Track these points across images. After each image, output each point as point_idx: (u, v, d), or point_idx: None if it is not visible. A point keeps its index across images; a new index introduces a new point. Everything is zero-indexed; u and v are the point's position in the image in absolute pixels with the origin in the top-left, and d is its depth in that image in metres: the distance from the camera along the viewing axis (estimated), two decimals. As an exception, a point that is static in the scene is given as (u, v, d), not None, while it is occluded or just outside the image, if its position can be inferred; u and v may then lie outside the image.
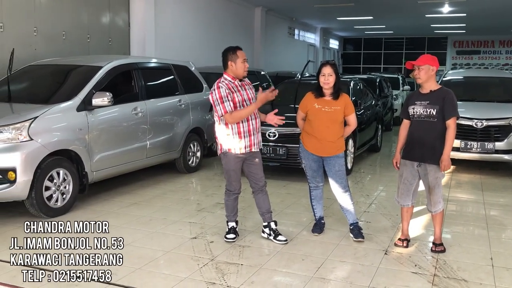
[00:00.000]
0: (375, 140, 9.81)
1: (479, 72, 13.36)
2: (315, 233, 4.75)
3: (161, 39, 10.98)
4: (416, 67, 4.22)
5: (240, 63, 4.33)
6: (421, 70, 4.20)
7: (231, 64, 4.34)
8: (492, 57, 26.30)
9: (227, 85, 4.31)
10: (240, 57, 4.33)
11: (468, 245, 4.56)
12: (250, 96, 4.44)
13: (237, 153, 4.38)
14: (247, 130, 4.36)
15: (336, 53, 27.35)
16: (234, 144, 4.37)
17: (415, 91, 4.54)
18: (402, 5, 16.02)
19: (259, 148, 4.51)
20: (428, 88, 4.27)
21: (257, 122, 4.46)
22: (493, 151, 7.60)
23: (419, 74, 4.21)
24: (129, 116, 6.26)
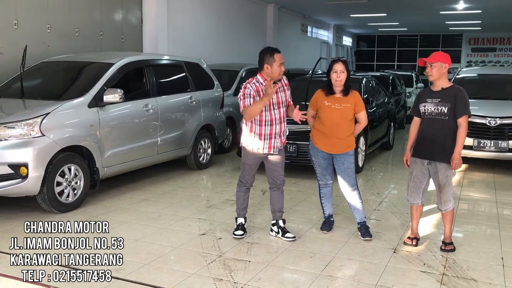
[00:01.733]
0: (387, 138, 9.74)
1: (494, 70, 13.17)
2: (324, 231, 4.75)
3: (173, 36, 11.02)
4: (428, 64, 4.18)
5: (276, 67, 4.27)
6: (434, 67, 4.16)
7: (267, 67, 4.29)
8: (509, 54, 25.88)
9: (257, 88, 4.29)
10: (277, 60, 4.27)
11: (479, 245, 4.52)
12: (281, 100, 4.39)
13: (254, 152, 4.40)
14: (268, 133, 4.38)
15: (349, 50, 27.18)
16: (253, 144, 4.40)
17: (426, 89, 4.50)
18: (416, 2, 15.86)
19: (279, 150, 4.49)
20: (440, 86, 4.23)
21: (282, 127, 4.44)
22: (507, 149, 7.50)
23: (431, 71, 4.17)
24: (140, 112, 6.30)
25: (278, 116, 4.37)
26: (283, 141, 4.52)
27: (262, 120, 4.33)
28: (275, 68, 4.26)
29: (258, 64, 4.37)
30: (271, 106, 4.33)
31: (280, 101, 4.38)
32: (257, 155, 4.44)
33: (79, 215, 5.16)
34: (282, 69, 4.31)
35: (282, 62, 4.31)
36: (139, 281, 3.61)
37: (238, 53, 14.08)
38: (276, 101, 4.35)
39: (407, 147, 4.50)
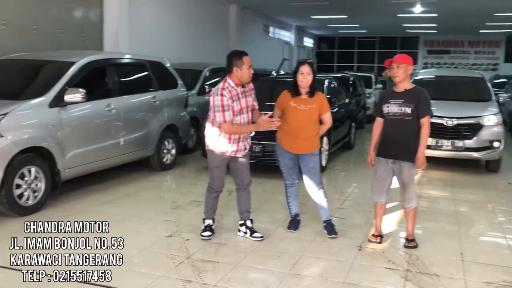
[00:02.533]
0: (348, 138, 9.93)
1: (450, 72, 13.64)
2: (291, 230, 4.79)
3: (135, 35, 10.82)
4: (395, 65, 4.28)
5: (245, 70, 4.28)
6: (400, 68, 4.27)
7: (236, 70, 4.29)
8: (462, 57, 26.87)
9: (230, 92, 4.28)
10: (246, 63, 4.29)
11: (439, 241, 4.68)
12: (249, 104, 4.43)
13: (222, 153, 4.40)
14: (237, 137, 4.39)
15: (310, 51, 27.50)
16: (221, 146, 4.38)
17: (389, 90, 4.61)
18: (376, 5, 16.22)
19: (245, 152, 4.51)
20: (403, 87, 4.34)
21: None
22: (463, 149, 7.79)
23: (398, 73, 4.27)
24: (102, 112, 6.17)
25: (246, 119, 4.39)
26: (250, 143, 4.55)
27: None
28: (244, 71, 4.28)
29: (227, 68, 4.37)
30: (241, 111, 4.34)
31: (248, 105, 4.41)
32: (224, 157, 4.43)
33: (39, 218, 4.98)
34: (251, 71, 4.33)
35: (251, 65, 4.34)
36: (106, 285, 3.54)
37: (201, 53, 13.99)
38: (245, 105, 4.37)
39: (371, 147, 4.59)
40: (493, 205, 6.19)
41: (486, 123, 7.76)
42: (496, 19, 18.40)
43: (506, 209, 6.02)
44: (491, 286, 3.67)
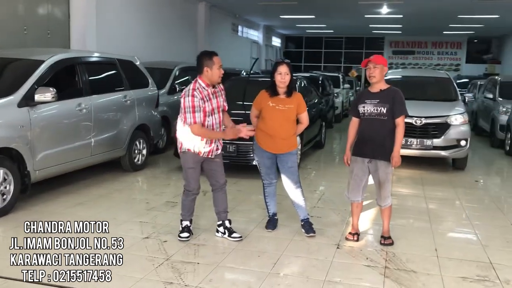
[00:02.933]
0: (319, 137, 10.02)
1: (417, 72, 13.94)
2: (269, 229, 4.80)
3: (102, 33, 10.61)
4: (372, 65, 4.34)
5: (216, 70, 4.26)
6: (376, 68, 4.33)
7: (207, 70, 4.25)
8: (425, 57, 27.59)
9: (201, 93, 4.24)
10: (216, 63, 4.26)
11: (414, 238, 4.77)
12: (220, 104, 4.40)
13: (196, 152, 4.35)
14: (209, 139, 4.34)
15: (278, 50, 27.64)
16: (194, 147, 4.33)
17: (364, 90, 4.67)
18: (344, 5, 16.45)
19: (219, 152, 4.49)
20: (379, 88, 4.41)
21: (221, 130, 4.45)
22: (431, 147, 7.98)
23: (374, 73, 4.34)
24: (73, 112, 6.02)
25: (218, 120, 4.37)
26: (221, 144, 4.53)
27: (205, 126, 4.29)
28: (215, 71, 4.26)
29: (197, 68, 4.33)
30: (213, 111, 4.32)
31: (219, 105, 4.39)
32: (198, 158, 4.39)
33: (9, 222, 4.85)
34: (221, 71, 4.31)
35: (221, 65, 4.32)
36: (85, 289, 3.46)
37: (169, 51, 13.85)
38: (216, 106, 4.35)
39: (347, 147, 4.64)
40: (462, 201, 6.37)
41: (453, 122, 7.98)
42: (459, 21, 18.97)
43: (473, 206, 6.21)
44: (466, 281, 3.77)
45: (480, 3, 14.72)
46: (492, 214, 5.75)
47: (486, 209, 5.98)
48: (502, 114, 10.94)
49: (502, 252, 4.44)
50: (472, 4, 15.00)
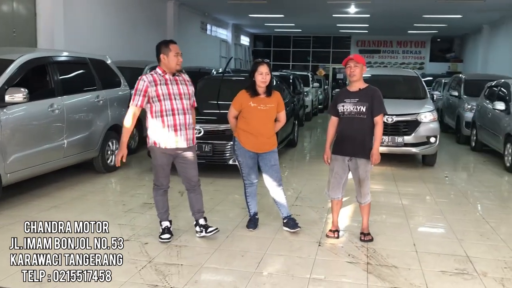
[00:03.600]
0: (292, 135, 10.09)
1: (386, 71, 14.21)
2: (250, 229, 4.80)
3: (70, 31, 10.35)
4: (353, 63, 4.38)
5: (172, 57, 4.23)
6: (357, 67, 4.39)
7: (163, 57, 4.25)
8: (391, 56, 28.11)
9: (153, 77, 4.22)
10: (173, 50, 4.24)
11: (392, 233, 4.87)
12: (182, 91, 4.32)
13: (161, 148, 4.28)
14: (172, 124, 4.25)
15: (247, 49, 27.61)
16: (158, 138, 4.27)
17: (342, 89, 4.71)
18: (313, 4, 16.57)
19: (189, 145, 4.38)
20: (358, 86, 4.47)
21: (186, 118, 4.33)
22: (402, 144, 8.15)
23: (355, 71, 4.39)
24: (45, 113, 5.87)
25: (180, 106, 4.28)
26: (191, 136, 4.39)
27: (163, 110, 4.22)
28: (171, 57, 4.23)
29: (156, 57, 4.33)
30: (171, 96, 4.24)
31: (181, 92, 4.30)
32: (165, 153, 4.31)
33: (-19, 227, 4.68)
34: (179, 59, 4.27)
35: (179, 52, 4.27)
36: (67, 295, 3.39)
37: (138, 50, 13.63)
38: (177, 92, 4.28)
39: (326, 145, 4.67)
40: (434, 197, 6.53)
41: (423, 120, 8.17)
42: (423, 20, 19.42)
43: (445, 201, 6.37)
44: (446, 275, 3.88)
45: (444, 3, 15.12)
46: (464, 209, 5.92)
47: (457, 204, 6.15)
48: (467, 111, 11.30)
49: (477, 245, 4.58)
50: (437, 4, 15.37)
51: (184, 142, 4.32)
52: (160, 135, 4.25)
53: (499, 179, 7.81)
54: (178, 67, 4.29)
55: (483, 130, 9.82)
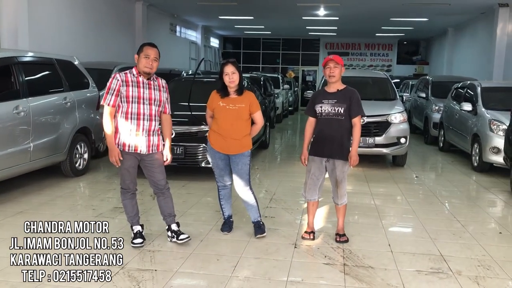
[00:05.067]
0: (264, 137, 10.07)
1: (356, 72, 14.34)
2: (225, 232, 4.72)
3: (35, 31, 10.04)
4: (333, 64, 4.36)
5: (141, 58, 4.15)
6: (337, 68, 4.37)
7: (136, 57, 4.20)
8: (359, 58, 28.47)
9: (126, 77, 4.15)
10: (144, 52, 4.16)
11: (367, 234, 4.88)
12: (153, 97, 4.21)
13: (121, 149, 4.18)
14: (135, 128, 4.15)
15: (217, 51, 27.47)
16: (120, 139, 4.17)
17: (320, 90, 4.69)
18: (282, 7, 16.61)
19: (151, 152, 4.25)
20: (336, 88, 4.46)
21: (152, 125, 4.22)
22: (374, 145, 8.23)
23: (334, 72, 4.37)
24: (10, 115, 5.65)
25: (148, 112, 4.18)
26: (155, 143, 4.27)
27: (128, 113, 4.13)
28: (140, 58, 4.16)
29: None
30: (141, 100, 4.15)
31: (152, 97, 4.21)
32: (129, 156, 4.20)
33: None
34: (149, 62, 4.14)
35: (149, 55, 4.14)
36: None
37: (106, 51, 13.37)
38: (148, 97, 4.18)
39: (303, 146, 4.62)
40: (406, 197, 6.60)
41: (393, 121, 8.28)
42: (391, 23, 19.76)
43: (417, 201, 6.45)
44: (422, 274, 3.89)
45: (411, 6, 15.41)
46: (435, 208, 6.01)
47: (429, 204, 6.23)
48: (435, 112, 11.54)
49: (450, 244, 4.63)
50: (404, 8, 15.66)
51: (145, 148, 4.22)
52: (122, 135, 4.16)
53: (467, 179, 7.98)
54: (145, 70, 4.16)
55: (451, 130, 10.04)
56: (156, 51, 4.23)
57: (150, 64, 4.16)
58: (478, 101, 8.86)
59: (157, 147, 4.29)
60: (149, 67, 4.17)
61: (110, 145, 4.17)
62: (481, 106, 8.69)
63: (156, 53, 4.21)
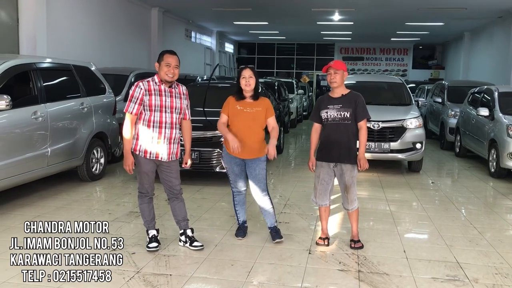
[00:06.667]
0: (278, 142, 10.07)
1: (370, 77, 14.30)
2: (239, 237, 4.74)
3: (53, 38, 10.22)
4: (333, 70, 4.38)
5: (163, 66, 4.20)
6: (337, 74, 4.38)
7: (156, 65, 4.25)
8: (374, 63, 28.35)
9: (149, 86, 4.19)
10: (165, 60, 4.20)
11: (382, 240, 4.85)
12: (174, 105, 4.28)
13: (142, 156, 4.23)
14: (156, 136, 4.21)
15: (231, 57, 27.60)
16: (142, 146, 4.23)
17: (324, 96, 4.67)
18: (297, 12, 16.63)
19: (170, 159, 4.32)
20: (340, 92, 4.47)
21: (173, 133, 4.29)
22: (389, 150, 8.19)
23: (335, 78, 4.38)
24: (28, 121, 5.74)
25: (169, 120, 4.25)
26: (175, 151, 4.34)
27: (151, 121, 4.19)
28: (162, 67, 4.21)
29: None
30: (163, 109, 4.21)
31: (173, 105, 4.28)
32: (149, 161, 4.26)
33: (-38, 239, 4.54)
34: (170, 70, 4.19)
35: (170, 63, 4.19)
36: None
37: (122, 57, 13.54)
38: (169, 105, 4.25)
39: (310, 153, 4.63)
40: (421, 203, 6.54)
41: (409, 126, 8.22)
42: (406, 28, 19.64)
43: (433, 207, 6.38)
44: (437, 281, 3.86)
45: (426, 11, 15.32)
46: (451, 215, 5.94)
47: (445, 210, 6.17)
48: (451, 117, 11.43)
49: (467, 251, 4.58)
50: (419, 12, 15.57)
51: (166, 155, 4.29)
52: (144, 143, 4.22)
53: (484, 185, 7.88)
54: (167, 78, 4.23)
55: (467, 136, 9.93)
56: (177, 58, 4.28)
57: (171, 72, 4.22)
58: (495, 106, 8.76)
59: (176, 155, 4.36)
60: (171, 75, 4.22)
61: (126, 153, 4.22)
62: (498, 111, 8.59)
63: (177, 61, 4.27)
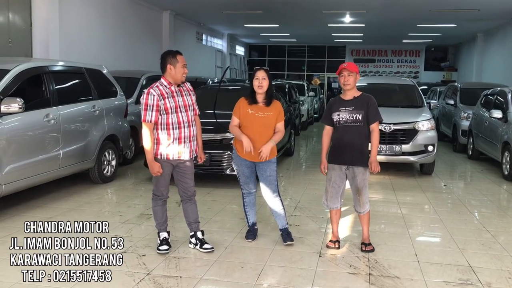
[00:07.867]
0: (289, 145, 10.06)
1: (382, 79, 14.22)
2: (249, 240, 4.73)
3: (66, 41, 10.32)
4: (347, 72, 4.36)
5: (179, 68, 4.22)
6: (351, 76, 4.36)
7: (170, 68, 4.23)
8: (386, 65, 28.21)
9: (160, 91, 4.19)
10: (180, 61, 4.23)
11: (393, 243, 4.81)
12: (187, 103, 4.33)
13: (164, 159, 4.25)
14: (177, 137, 4.24)
15: (242, 59, 27.63)
16: (162, 149, 4.24)
17: (336, 98, 4.64)
18: (308, 14, 16.62)
19: (191, 156, 4.38)
20: (352, 95, 4.44)
21: (191, 130, 4.33)
22: (400, 153, 8.13)
23: (349, 80, 4.36)
24: (41, 123, 5.80)
25: (186, 119, 4.29)
26: (194, 148, 4.39)
27: (169, 123, 4.21)
28: (178, 69, 4.22)
29: (161, 67, 4.30)
30: (178, 109, 4.24)
31: (186, 104, 4.32)
32: (168, 163, 4.29)
33: (-25, 240, 4.59)
34: (185, 70, 4.28)
35: (185, 64, 4.29)
36: (63, 309, 3.31)
37: (134, 60, 13.62)
38: (182, 104, 4.28)
39: (322, 155, 4.60)
40: (433, 206, 6.47)
41: (420, 128, 8.16)
42: (418, 29, 19.51)
43: (445, 210, 6.32)
44: (449, 285, 3.82)
45: (438, 12, 15.20)
46: (464, 218, 5.88)
47: (457, 213, 6.11)
48: (464, 119, 11.31)
49: (480, 255, 4.53)
50: (431, 14, 15.46)
51: (187, 154, 4.33)
52: (164, 146, 4.23)
53: (497, 188, 7.79)
54: (183, 78, 4.29)
55: (480, 138, 9.83)
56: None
57: (186, 72, 4.29)
58: (509, 108, 8.65)
59: (195, 151, 4.44)
60: (185, 75, 4.29)
61: (150, 162, 4.20)
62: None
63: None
